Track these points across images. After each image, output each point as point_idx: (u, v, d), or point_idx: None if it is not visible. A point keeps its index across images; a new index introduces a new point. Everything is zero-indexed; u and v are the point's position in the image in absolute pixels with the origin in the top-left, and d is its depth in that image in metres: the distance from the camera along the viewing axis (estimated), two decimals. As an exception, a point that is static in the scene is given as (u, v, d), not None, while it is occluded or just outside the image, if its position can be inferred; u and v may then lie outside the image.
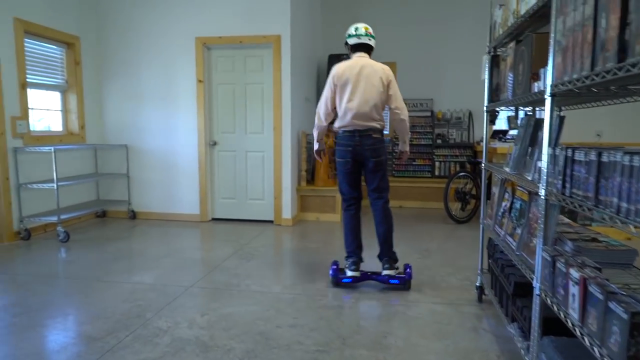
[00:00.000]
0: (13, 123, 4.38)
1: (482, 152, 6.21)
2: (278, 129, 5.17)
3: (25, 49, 4.56)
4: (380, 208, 3.28)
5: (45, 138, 4.84)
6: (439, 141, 6.65)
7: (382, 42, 7.00)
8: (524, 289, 2.05)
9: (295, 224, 5.36)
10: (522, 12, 1.93)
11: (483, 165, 2.82)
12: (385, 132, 3.39)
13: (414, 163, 6.70)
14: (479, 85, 6.75)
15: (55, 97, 5.15)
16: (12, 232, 4.41)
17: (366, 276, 3.26)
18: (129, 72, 5.45)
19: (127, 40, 5.42)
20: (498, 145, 4.97)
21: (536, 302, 1.69)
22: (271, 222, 5.36)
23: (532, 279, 1.74)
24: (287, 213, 5.28)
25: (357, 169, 3.28)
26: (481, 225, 2.90)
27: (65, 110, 5.26)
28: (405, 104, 3.56)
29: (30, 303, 2.90)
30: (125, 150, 5.54)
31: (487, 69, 2.67)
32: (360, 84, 3.19)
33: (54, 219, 4.47)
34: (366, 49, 3.30)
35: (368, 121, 3.20)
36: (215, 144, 5.41)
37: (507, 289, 2.17)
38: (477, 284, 2.98)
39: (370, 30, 3.32)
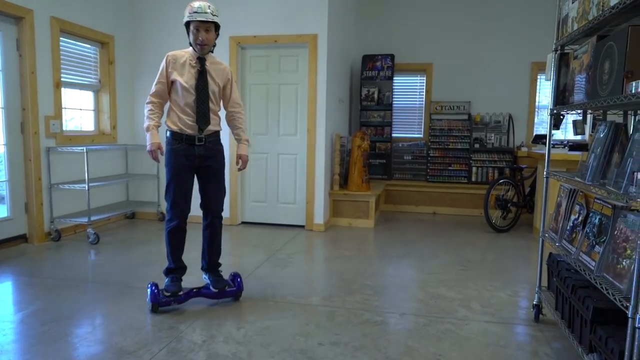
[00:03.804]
0: (47, 122, 4.34)
1: (522, 157, 5.96)
2: (312, 131, 5.00)
3: (61, 48, 4.51)
4: None
5: (78, 138, 4.79)
6: (476, 145, 6.37)
7: (418, 43, 6.79)
8: (606, 316, 1.81)
9: (327, 229, 5.18)
10: (613, 2, 1.69)
11: (545, 173, 2.57)
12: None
13: (449, 168, 6.43)
14: (520, 88, 6.49)
15: (88, 97, 5.10)
16: (43, 233, 4.36)
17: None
18: (161, 72, 5.36)
19: (160, 40, 5.34)
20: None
21: (635, 335, 1.45)
22: (302, 227, 5.19)
23: (627, 307, 1.51)
24: (319, 218, 5.10)
25: None
26: (541, 239, 2.65)
27: (97, 110, 5.21)
28: (442, 106, 3.33)
29: (60, 310, 2.79)
30: (155, 151, 5.45)
31: (553, 69, 2.43)
32: None
33: (85, 220, 4.40)
34: None
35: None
36: (246, 145, 5.27)
37: (584, 313, 1.93)
38: (535, 302, 2.73)
39: None
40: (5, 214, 4.13)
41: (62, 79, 4.54)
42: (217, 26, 2.80)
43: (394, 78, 6.59)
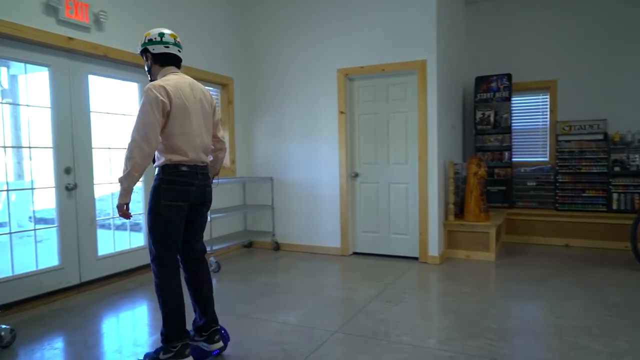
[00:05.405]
0: (176, 160, 4.78)
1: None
2: (423, 159, 4.81)
3: (188, 92, 4.99)
4: (207, 265, 2.77)
5: (202, 172, 5.20)
6: (616, 168, 5.57)
7: (538, 59, 6.25)
8: None
9: (442, 262, 4.88)
10: None
11: None
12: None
13: (582, 194, 5.70)
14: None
15: (211, 135, 5.55)
16: (173, 260, 4.75)
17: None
18: (275, 108, 5.66)
19: (274, 78, 5.65)
20: None
21: None
22: (416, 259, 4.96)
23: None
24: (433, 250, 4.83)
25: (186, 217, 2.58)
26: None
27: (219, 146, 5.63)
28: (570, 126, 2.84)
29: (185, 337, 2.96)
30: (270, 183, 5.71)
31: None
32: (197, 108, 2.54)
33: (207, 249, 4.69)
34: (177, 62, 2.64)
35: (208, 155, 2.66)
36: (356, 175, 5.26)
37: None
38: None
39: (179, 39, 2.65)
40: (142, 243, 4.60)
41: (189, 120, 5.00)
42: (144, 53, 2.60)
43: (512, 98, 6.13)
